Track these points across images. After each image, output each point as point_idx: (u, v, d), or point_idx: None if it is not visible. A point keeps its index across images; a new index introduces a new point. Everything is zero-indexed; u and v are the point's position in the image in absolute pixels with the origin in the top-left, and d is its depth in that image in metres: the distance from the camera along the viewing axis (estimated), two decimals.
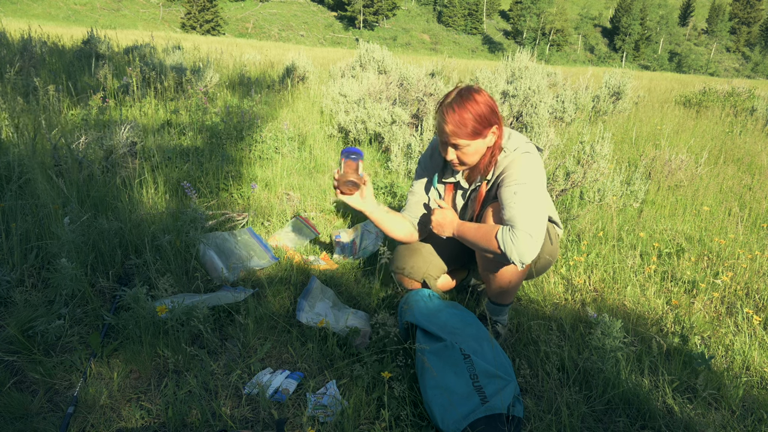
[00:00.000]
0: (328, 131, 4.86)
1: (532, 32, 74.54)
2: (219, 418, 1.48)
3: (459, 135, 1.65)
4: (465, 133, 1.65)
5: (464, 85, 1.71)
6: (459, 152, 1.71)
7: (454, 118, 1.64)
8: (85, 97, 4.73)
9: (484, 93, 1.68)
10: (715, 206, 3.57)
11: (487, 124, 1.66)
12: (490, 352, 1.58)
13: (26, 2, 50.79)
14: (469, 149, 1.69)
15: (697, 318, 2.10)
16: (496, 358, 1.57)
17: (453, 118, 1.64)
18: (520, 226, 1.58)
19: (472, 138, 1.66)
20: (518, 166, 1.68)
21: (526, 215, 1.59)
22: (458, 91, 1.68)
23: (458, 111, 1.64)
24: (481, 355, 1.56)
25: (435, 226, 1.82)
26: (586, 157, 3.29)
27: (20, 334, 1.71)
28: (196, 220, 2.37)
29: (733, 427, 1.52)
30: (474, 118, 1.64)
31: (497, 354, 1.59)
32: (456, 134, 1.65)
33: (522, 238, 1.57)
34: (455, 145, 1.69)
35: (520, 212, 1.60)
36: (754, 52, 79.53)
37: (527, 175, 1.66)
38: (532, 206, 1.61)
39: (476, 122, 1.64)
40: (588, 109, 6.63)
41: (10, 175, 2.65)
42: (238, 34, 58.20)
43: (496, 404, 1.39)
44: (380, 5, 68.46)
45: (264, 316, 1.98)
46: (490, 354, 1.58)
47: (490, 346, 1.61)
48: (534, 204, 1.62)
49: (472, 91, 1.67)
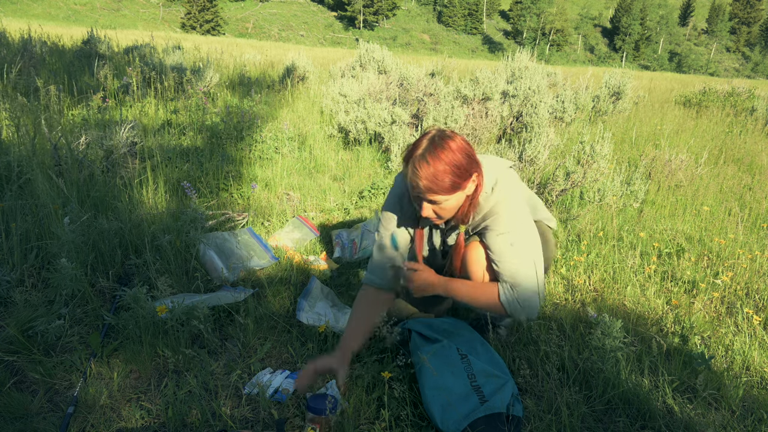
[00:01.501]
0: (328, 131, 4.86)
1: (532, 32, 74.55)
2: (219, 418, 1.48)
3: (435, 191, 1.45)
4: (442, 188, 1.44)
5: (435, 130, 1.49)
6: (436, 208, 1.51)
7: (428, 173, 1.42)
8: (85, 97, 4.73)
9: (458, 138, 1.48)
10: (715, 206, 3.57)
11: (466, 174, 1.47)
12: (485, 353, 1.60)
13: (26, 2, 50.79)
14: (448, 204, 1.50)
15: (697, 318, 2.10)
16: (492, 357, 1.58)
17: (427, 172, 1.42)
18: (524, 284, 1.52)
19: (450, 192, 1.46)
20: (505, 211, 1.55)
21: (526, 270, 1.53)
22: (429, 139, 1.46)
23: (432, 164, 1.42)
24: (476, 354, 1.57)
25: (416, 291, 1.62)
26: (586, 157, 3.29)
27: (20, 334, 1.71)
28: (196, 220, 2.37)
29: (733, 427, 1.52)
30: (451, 171, 1.43)
31: (492, 354, 1.61)
32: (432, 190, 1.45)
33: (529, 299, 1.54)
34: (431, 201, 1.49)
35: (520, 268, 1.53)
36: (754, 52, 79.55)
37: (517, 219, 1.55)
38: (530, 257, 1.55)
39: (453, 175, 1.44)
40: (588, 109, 6.62)
41: (10, 175, 2.65)
42: (238, 34, 58.20)
43: (496, 403, 1.40)
44: (380, 5, 68.47)
45: (264, 316, 1.98)
46: (485, 354, 1.59)
47: (485, 348, 1.63)
48: (531, 253, 1.55)
49: (445, 138, 1.46)
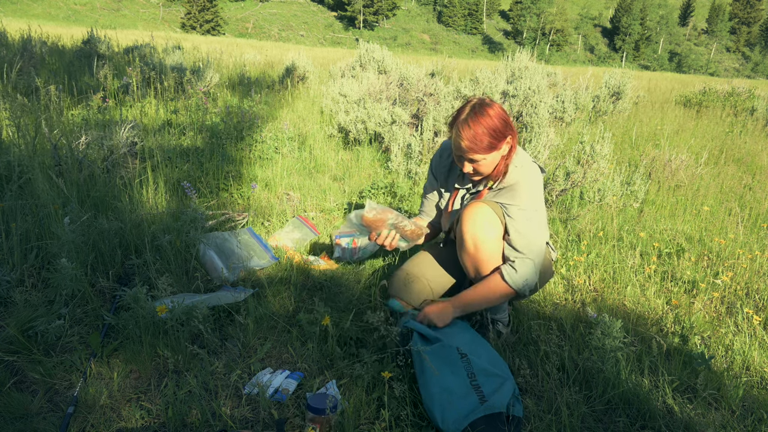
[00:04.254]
0: (328, 131, 4.86)
1: (532, 32, 74.54)
2: (219, 418, 1.48)
3: (475, 150, 1.69)
4: (481, 148, 1.69)
5: (477, 99, 1.75)
6: (476, 165, 1.75)
7: (470, 135, 1.68)
8: (85, 97, 4.73)
9: (496, 106, 1.72)
10: (716, 206, 3.57)
11: (501, 136, 1.71)
12: (485, 352, 1.60)
13: (26, 2, 50.78)
14: (485, 162, 1.74)
15: (697, 318, 2.10)
16: (491, 357, 1.58)
17: (468, 134, 1.68)
18: (533, 257, 1.71)
19: (487, 152, 1.71)
20: (528, 189, 1.74)
21: (539, 247, 1.73)
22: (471, 107, 1.71)
23: (473, 127, 1.67)
24: (476, 354, 1.57)
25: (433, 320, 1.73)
26: (586, 157, 3.29)
27: (20, 334, 1.71)
28: (196, 220, 2.37)
29: (733, 427, 1.52)
30: (488, 133, 1.68)
31: (491, 353, 1.61)
32: (472, 150, 1.69)
33: (532, 272, 1.71)
34: (471, 159, 1.73)
35: (533, 241, 1.72)
36: (754, 52, 79.50)
37: (536, 202, 1.75)
38: (541, 236, 1.75)
39: (491, 137, 1.68)
40: (588, 109, 6.62)
41: (10, 175, 2.65)
42: (238, 34, 58.17)
43: (495, 403, 1.39)
44: (380, 5, 68.46)
45: (264, 316, 1.98)
46: (485, 354, 1.59)
47: (485, 347, 1.64)
48: (542, 233, 1.75)
49: (484, 106, 1.71)
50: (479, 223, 1.71)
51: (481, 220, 1.71)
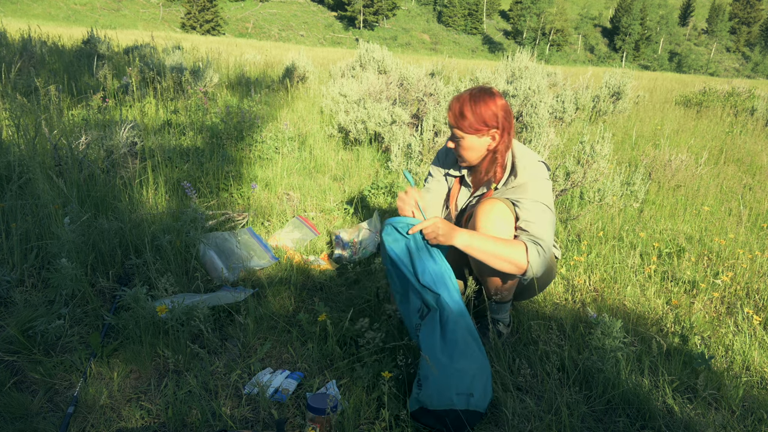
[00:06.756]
0: (328, 131, 4.86)
1: (532, 32, 74.53)
2: (219, 418, 1.48)
3: (455, 126, 1.74)
4: (462, 125, 1.72)
5: (486, 86, 1.78)
6: (457, 144, 1.79)
7: (456, 107, 1.72)
8: (85, 97, 4.73)
9: (497, 99, 1.72)
10: (716, 206, 3.57)
11: (484, 125, 1.71)
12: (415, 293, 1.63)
13: (26, 2, 50.78)
14: (464, 142, 1.76)
15: (697, 318, 2.10)
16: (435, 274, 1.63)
17: (455, 106, 1.73)
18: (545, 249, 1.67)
19: (467, 132, 1.73)
20: (538, 188, 1.72)
21: (549, 239, 1.69)
22: (478, 88, 1.75)
23: (462, 102, 1.71)
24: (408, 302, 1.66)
25: (428, 236, 1.66)
26: (586, 157, 3.28)
27: (20, 334, 1.71)
28: (196, 220, 2.37)
29: (733, 427, 1.52)
30: (473, 113, 1.70)
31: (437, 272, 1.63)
32: (454, 124, 1.74)
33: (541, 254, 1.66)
34: (454, 136, 1.77)
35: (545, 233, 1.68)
36: (754, 52, 79.49)
37: (547, 199, 1.73)
38: (551, 229, 1.72)
39: (474, 119, 1.70)
40: (588, 109, 6.62)
41: (10, 175, 2.65)
42: (238, 34, 58.17)
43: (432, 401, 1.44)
44: (380, 5, 68.45)
45: (264, 316, 1.98)
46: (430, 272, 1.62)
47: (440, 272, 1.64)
48: (552, 226, 1.73)
49: (486, 93, 1.73)
50: (492, 219, 1.69)
51: (495, 215, 1.69)
